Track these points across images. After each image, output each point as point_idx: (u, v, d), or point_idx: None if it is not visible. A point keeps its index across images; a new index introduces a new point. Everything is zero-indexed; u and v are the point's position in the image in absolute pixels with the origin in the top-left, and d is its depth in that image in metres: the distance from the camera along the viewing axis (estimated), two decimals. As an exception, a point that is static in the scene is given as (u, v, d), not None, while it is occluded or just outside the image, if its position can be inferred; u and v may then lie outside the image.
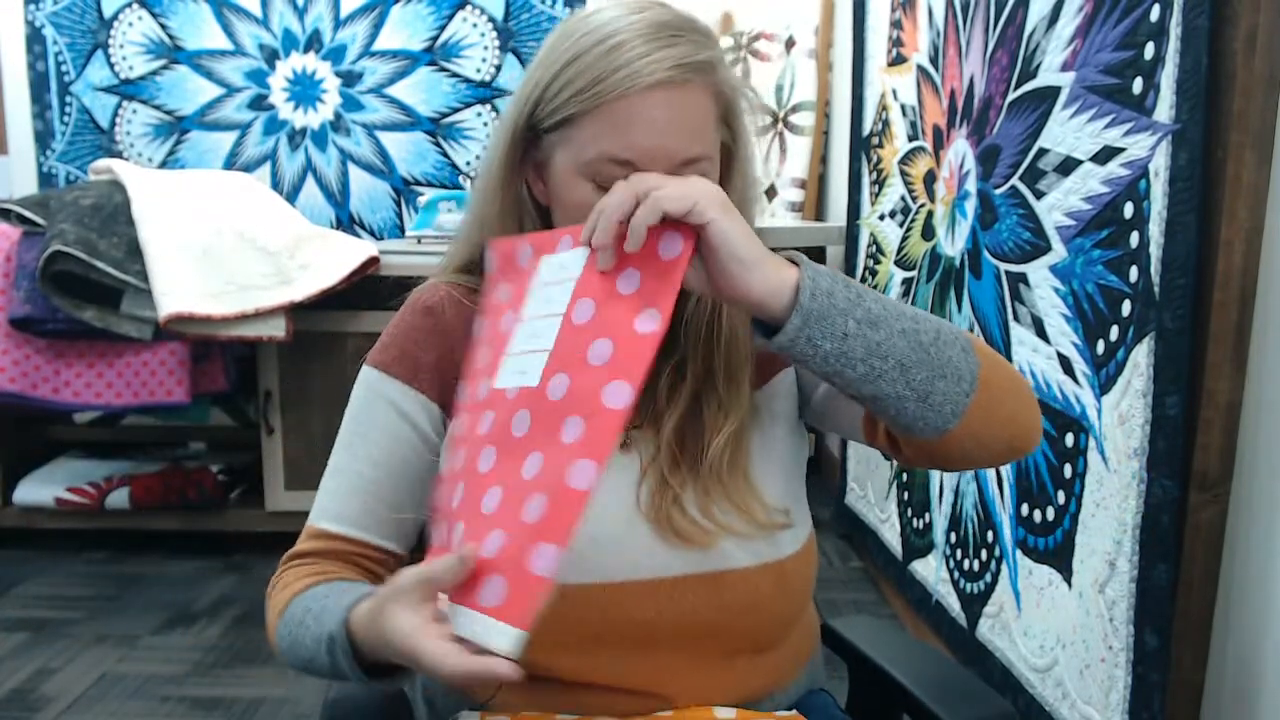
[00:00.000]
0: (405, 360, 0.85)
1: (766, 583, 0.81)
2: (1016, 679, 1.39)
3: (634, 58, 0.75)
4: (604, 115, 0.75)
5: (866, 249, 2.17)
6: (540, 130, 0.80)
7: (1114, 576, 1.14)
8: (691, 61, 0.76)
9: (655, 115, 0.75)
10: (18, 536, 2.65)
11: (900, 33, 1.93)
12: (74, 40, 2.81)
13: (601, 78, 0.75)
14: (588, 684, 0.80)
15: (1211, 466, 1.01)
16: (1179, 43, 1.02)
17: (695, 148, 0.77)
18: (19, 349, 2.31)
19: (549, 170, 0.81)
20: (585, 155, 0.77)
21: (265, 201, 2.53)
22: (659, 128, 0.76)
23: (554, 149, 0.79)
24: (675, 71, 0.75)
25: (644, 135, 0.75)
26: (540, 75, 0.79)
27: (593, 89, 0.75)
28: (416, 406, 0.85)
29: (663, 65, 0.75)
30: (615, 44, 0.75)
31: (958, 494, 1.61)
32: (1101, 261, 1.18)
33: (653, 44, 0.76)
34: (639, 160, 0.76)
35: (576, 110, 0.76)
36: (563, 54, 0.78)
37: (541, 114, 0.79)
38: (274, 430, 2.52)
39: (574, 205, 0.78)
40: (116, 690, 1.92)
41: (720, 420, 0.83)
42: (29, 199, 2.34)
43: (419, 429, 0.84)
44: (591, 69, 0.75)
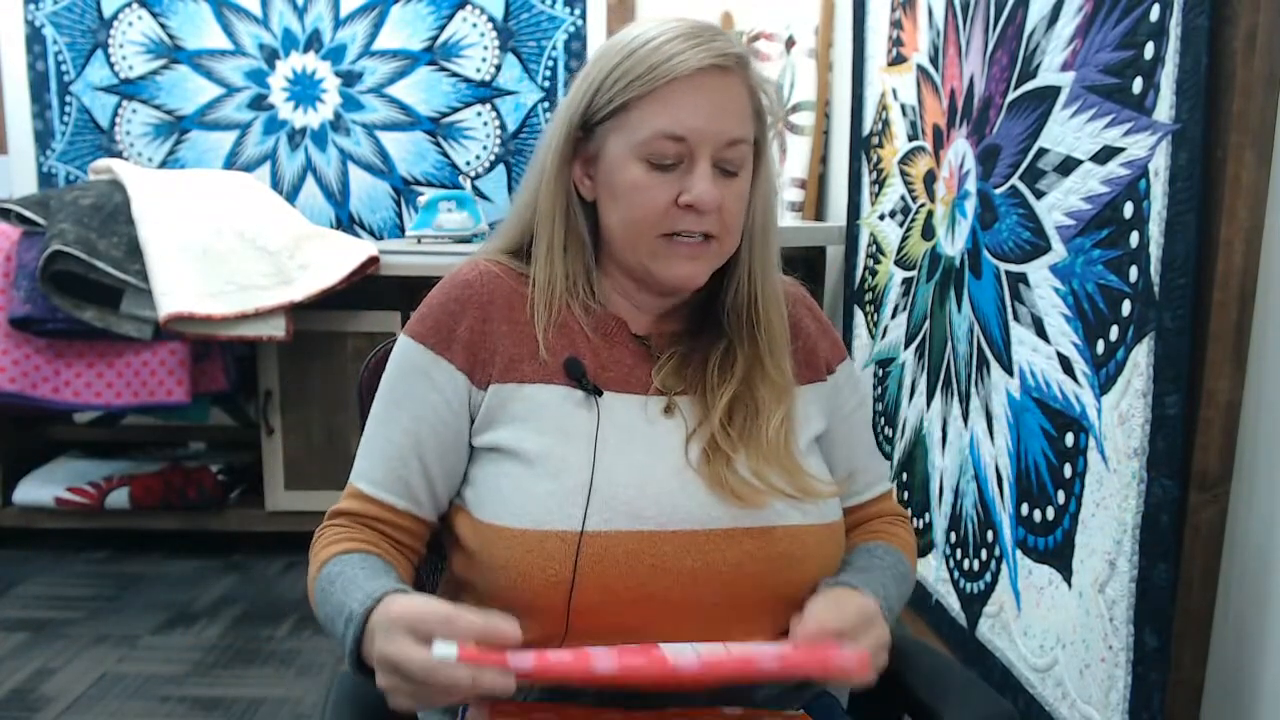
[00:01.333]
0: (439, 331, 0.90)
1: (815, 540, 0.88)
2: (1016, 679, 1.39)
3: (683, 49, 0.85)
4: (658, 97, 0.85)
5: (866, 249, 2.17)
6: (594, 123, 0.88)
7: (1114, 576, 1.14)
8: (731, 52, 0.86)
9: (703, 96, 0.85)
10: (18, 536, 2.65)
11: (900, 32, 1.93)
12: (74, 40, 2.81)
13: (655, 66, 0.84)
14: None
15: (1211, 466, 1.01)
16: (1179, 42, 1.02)
17: (739, 129, 0.87)
18: (19, 349, 2.31)
19: (600, 160, 0.89)
20: (640, 135, 0.85)
21: (265, 201, 2.53)
22: (707, 107, 0.85)
23: (607, 137, 0.88)
24: (719, 58, 0.85)
25: (694, 114, 0.85)
26: (595, 74, 0.88)
27: (648, 75, 0.84)
28: (446, 376, 0.89)
29: (709, 54, 0.85)
30: (664, 40, 0.86)
31: (957, 494, 1.62)
32: (1101, 261, 1.18)
33: (695, 39, 0.86)
34: (690, 136, 0.85)
35: (632, 95, 0.85)
36: (615, 55, 0.87)
37: (598, 105, 0.87)
38: (274, 430, 2.52)
39: (627, 185, 0.87)
40: (116, 690, 1.92)
41: (774, 401, 0.91)
42: (29, 199, 2.34)
43: (447, 398, 0.89)
44: (645, 60, 0.85)
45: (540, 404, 0.87)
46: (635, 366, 0.92)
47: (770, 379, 0.92)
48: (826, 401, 0.98)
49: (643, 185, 0.86)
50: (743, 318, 0.93)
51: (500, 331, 0.90)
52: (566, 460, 0.84)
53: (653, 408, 0.90)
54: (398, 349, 0.92)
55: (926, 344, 1.77)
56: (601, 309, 0.93)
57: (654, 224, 0.87)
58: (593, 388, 0.88)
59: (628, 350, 0.93)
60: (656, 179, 0.86)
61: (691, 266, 0.89)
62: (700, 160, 0.86)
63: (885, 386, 1.99)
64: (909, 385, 1.86)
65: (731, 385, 0.91)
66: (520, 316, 0.91)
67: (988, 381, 1.49)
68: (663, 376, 0.91)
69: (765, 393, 0.91)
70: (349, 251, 2.37)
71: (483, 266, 0.93)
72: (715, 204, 0.86)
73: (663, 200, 0.86)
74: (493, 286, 0.92)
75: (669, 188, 0.86)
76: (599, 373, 0.90)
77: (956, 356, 1.62)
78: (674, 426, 0.89)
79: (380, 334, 2.38)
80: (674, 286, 0.91)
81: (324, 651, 2.08)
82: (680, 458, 0.88)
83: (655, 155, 0.86)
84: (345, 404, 2.46)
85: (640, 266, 0.90)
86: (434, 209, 2.58)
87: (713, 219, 0.87)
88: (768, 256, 0.94)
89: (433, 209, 2.59)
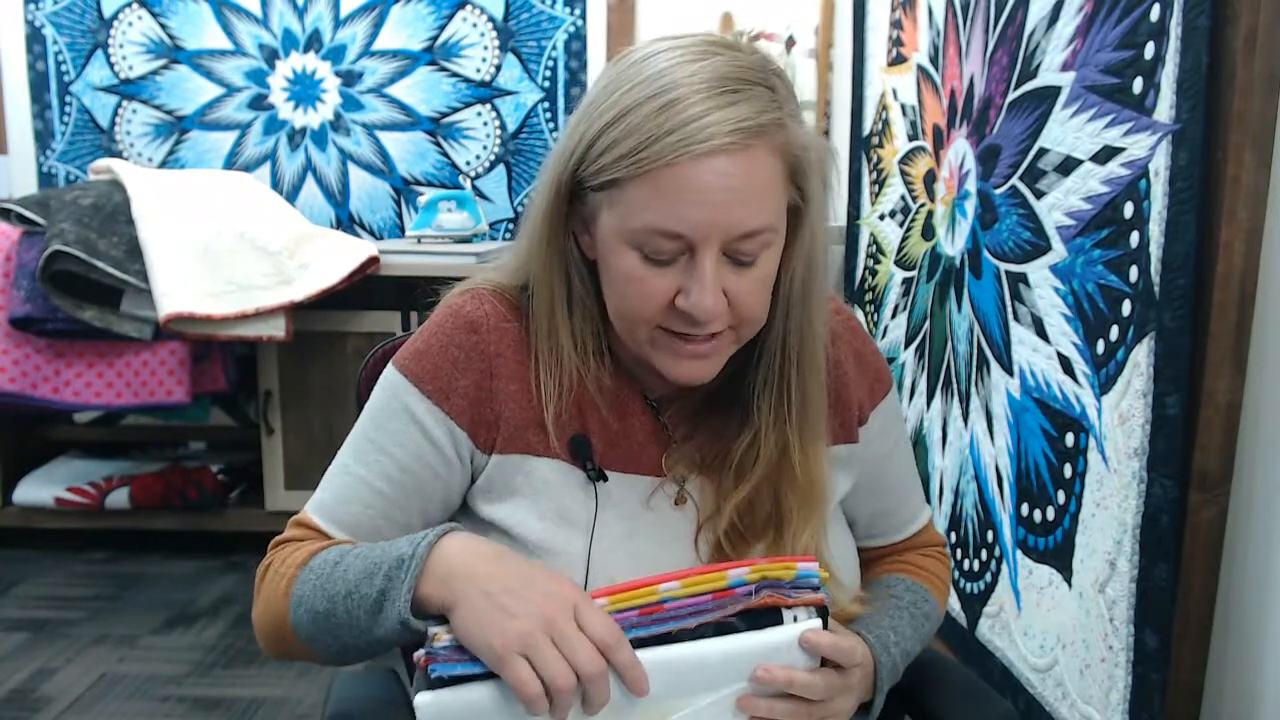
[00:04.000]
0: (439, 377, 0.79)
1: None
2: (1016, 679, 1.39)
3: (688, 119, 0.66)
4: (652, 183, 0.68)
5: (866, 249, 2.17)
6: (585, 188, 0.73)
7: (1114, 576, 1.14)
8: (754, 124, 0.68)
9: (711, 186, 0.67)
10: (18, 536, 2.65)
11: (900, 32, 1.93)
12: (74, 40, 2.81)
13: (650, 141, 0.67)
14: None
15: (1211, 466, 1.01)
16: (1179, 42, 1.02)
17: (757, 219, 0.70)
18: (19, 349, 2.31)
19: (595, 227, 0.74)
20: (631, 224, 0.70)
21: (265, 201, 2.53)
22: (715, 200, 0.68)
23: (600, 207, 0.73)
24: (736, 136, 0.67)
25: (696, 209, 0.68)
26: (585, 129, 0.71)
27: (640, 153, 0.67)
28: (443, 429, 0.79)
29: (722, 129, 0.66)
30: (668, 101, 0.67)
31: (958, 494, 1.62)
32: (1101, 261, 1.18)
33: (711, 103, 0.67)
34: (691, 235, 0.69)
35: (622, 175, 0.69)
36: (610, 106, 0.70)
37: (586, 172, 0.72)
38: (274, 430, 2.52)
39: (621, 274, 0.73)
40: (116, 690, 1.92)
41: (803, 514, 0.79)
42: (29, 199, 2.34)
43: (442, 451, 0.79)
44: (640, 129, 0.67)
45: (543, 481, 0.79)
46: (646, 444, 0.82)
47: (799, 485, 0.79)
48: (857, 461, 0.88)
49: (636, 278, 0.72)
50: (773, 401, 0.80)
51: (508, 391, 0.79)
52: (565, 551, 0.76)
53: (662, 496, 0.81)
54: (389, 383, 0.81)
55: (926, 344, 1.77)
56: (613, 377, 0.82)
57: (649, 320, 0.74)
58: (596, 473, 0.79)
59: (639, 424, 0.82)
60: (652, 272, 0.72)
61: (697, 365, 0.76)
62: (704, 259, 0.70)
63: (885, 386, 1.99)
64: (909, 385, 1.86)
65: (750, 483, 0.79)
66: (526, 375, 0.80)
67: (988, 381, 1.49)
68: (675, 463, 0.82)
69: (793, 501, 0.79)
70: (349, 251, 2.37)
71: (489, 305, 0.81)
72: (716, 314, 0.72)
73: (659, 298, 0.72)
74: (500, 336, 0.80)
75: (667, 282, 0.72)
76: (606, 451, 0.80)
77: (956, 356, 1.62)
78: (684, 516, 0.81)
79: (380, 334, 2.38)
80: (678, 384, 0.78)
81: (324, 651, 2.08)
82: (690, 553, 0.79)
83: (649, 249, 0.71)
84: (345, 404, 2.46)
85: (643, 356, 0.77)
86: (434, 209, 2.58)
87: (722, 318, 0.73)
88: (808, 325, 0.79)
89: (433, 209, 2.58)
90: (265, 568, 0.81)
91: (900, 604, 0.88)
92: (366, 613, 0.71)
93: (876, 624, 0.84)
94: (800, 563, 0.71)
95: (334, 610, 0.73)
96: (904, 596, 0.89)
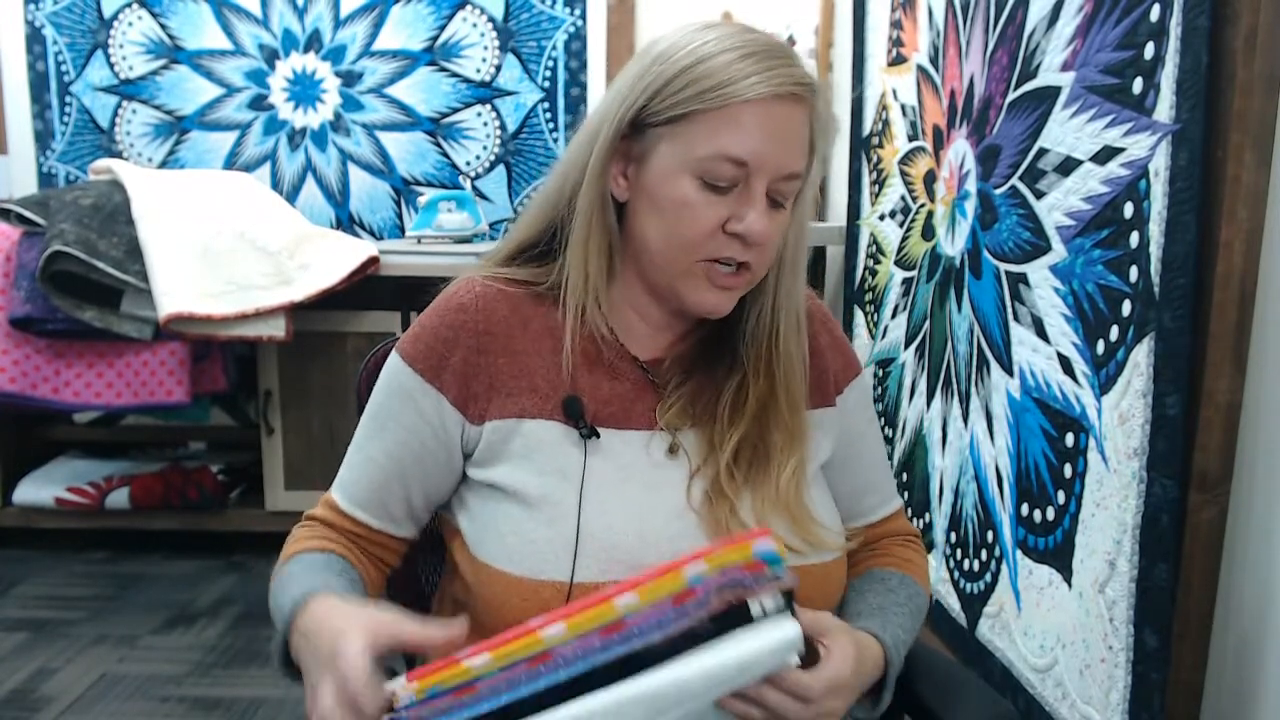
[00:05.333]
0: (431, 357, 0.86)
1: (814, 580, 0.85)
2: (1016, 679, 1.39)
3: (765, 68, 0.79)
4: (727, 115, 0.79)
5: (866, 249, 2.17)
6: (647, 124, 0.82)
7: (1114, 576, 1.14)
8: (811, 83, 0.81)
9: (773, 124, 0.80)
10: (18, 536, 2.65)
11: (900, 32, 1.93)
12: (74, 40, 2.81)
13: (733, 80, 0.78)
14: None
15: (1211, 466, 1.01)
16: (1179, 43, 1.02)
17: (799, 163, 0.82)
18: (19, 349, 2.31)
19: (646, 165, 0.83)
20: (699, 151, 0.80)
21: (265, 201, 2.53)
22: (777, 137, 0.80)
23: (659, 142, 0.82)
24: (799, 88, 0.80)
25: (762, 141, 0.79)
26: (660, 72, 0.81)
27: (723, 89, 0.78)
28: (434, 405, 0.86)
29: (787, 81, 0.79)
30: (741, 55, 0.79)
31: (957, 494, 1.62)
32: (1101, 261, 1.18)
33: (774, 60, 0.80)
34: (753, 162, 0.80)
35: (699, 107, 0.79)
36: (684, 57, 0.80)
37: (656, 107, 0.81)
38: (274, 430, 2.52)
39: (675, 200, 0.82)
40: (116, 690, 1.92)
41: (787, 447, 0.87)
42: (29, 199, 2.34)
43: (434, 426, 0.86)
44: (723, 70, 0.79)
45: (540, 441, 0.84)
46: (638, 400, 0.88)
47: (784, 422, 0.87)
48: (834, 426, 0.94)
49: (692, 203, 0.81)
50: (762, 349, 0.89)
51: (497, 365, 0.86)
52: (563, 505, 0.81)
53: (656, 447, 0.86)
54: (389, 366, 0.89)
55: (926, 344, 1.77)
56: (609, 334, 0.88)
57: (696, 246, 0.82)
58: (587, 431, 0.84)
59: (631, 381, 0.88)
60: (707, 199, 0.81)
61: (722, 296, 0.85)
62: (756, 188, 0.81)
63: (885, 387, 1.99)
64: (909, 385, 1.86)
65: (741, 426, 0.86)
66: (519, 346, 0.87)
67: (988, 382, 1.49)
68: (669, 415, 0.87)
69: (778, 437, 0.86)
70: (349, 252, 2.37)
71: (480, 288, 0.88)
72: (766, 238, 0.82)
73: (710, 222, 0.81)
74: (490, 313, 0.87)
75: (718, 210, 0.81)
76: (599, 409, 0.86)
77: (956, 357, 1.62)
78: (677, 465, 0.86)
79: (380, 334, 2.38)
80: (699, 313, 0.87)
81: (324, 651, 2.08)
82: (681, 499, 0.84)
83: (711, 175, 0.80)
84: (345, 404, 2.46)
85: (668, 285, 0.86)
86: (434, 209, 2.59)
87: (755, 250, 0.83)
88: (795, 287, 0.90)
89: (433, 209, 2.59)
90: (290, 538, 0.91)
91: (898, 599, 0.92)
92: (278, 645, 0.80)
93: (888, 622, 0.87)
94: (754, 541, 0.69)
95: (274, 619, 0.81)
96: (900, 591, 0.93)
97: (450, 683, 0.67)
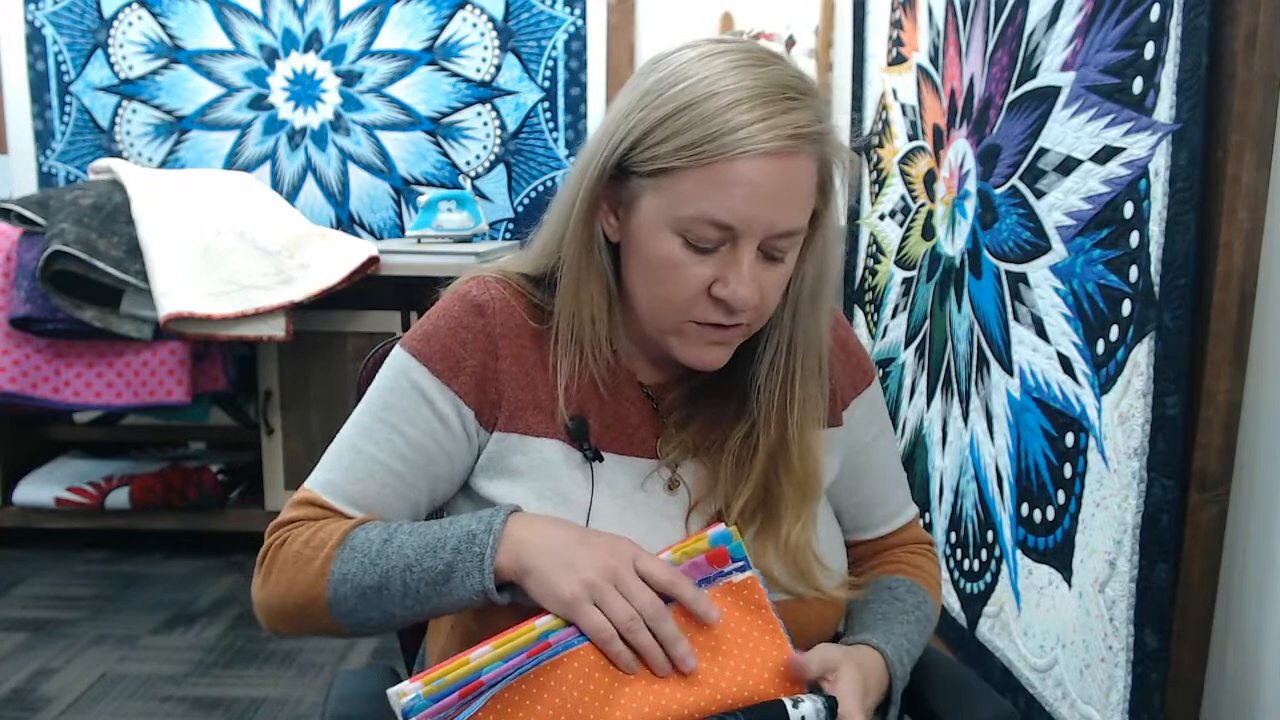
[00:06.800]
0: (447, 357, 0.82)
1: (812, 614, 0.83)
2: (1016, 679, 1.39)
3: (753, 120, 0.71)
4: (711, 175, 0.72)
5: (866, 249, 2.17)
6: (632, 172, 0.76)
7: (1114, 576, 1.14)
8: (809, 131, 0.73)
9: (765, 184, 0.73)
10: (18, 536, 2.65)
11: (900, 32, 1.93)
12: (74, 40, 2.81)
13: (715, 136, 0.71)
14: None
15: (1211, 466, 1.01)
16: (1179, 42, 1.02)
17: (796, 220, 0.76)
18: (19, 349, 2.31)
19: (633, 212, 0.78)
20: (682, 211, 0.74)
21: (265, 201, 2.53)
22: (766, 197, 0.73)
23: (643, 192, 0.76)
24: (793, 141, 0.72)
25: (748, 204, 0.73)
26: (644, 115, 0.75)
27: (703, 146, 0.72)
28: (452, 406, 0.82)
29: (783, 133, 0.72)
30: (734, 101, 0.72)
31: (957, 494, 1.62)
32: (1101, 261, 1.18)
33: (773, 107, 0.72)
34: (739, 226, 0.73)
35: (681, 164, 0.73)
36: (673, 98, 0.74)
37: (639, 157, 0.75)
38: (274, 430, 2.52)
39: (660, 258, 0.76)
40: (116, 690, 1.92)
41: (797, 502, 0.82)
42: (29, 199, 2.34)
43: (451, 429, 0.82)
44: (706, 124, 0.72)
45: (543, 460, 0.82)
46: (640, 426, 0.85)
47: (796, 474, 0.83)
48: (841, 446, 0.91)
49: (676, 263, 0.76)
50: (775, 395, 0.83)
51: (510, 373, 0.83)
52: None
53: (656, 479, 0.84)
54: (395, 364, 0.84)
55: (926, 344, 1.77)
56: (613, 358, 0.85)
57: (680, 308, 0.78)
58: (593, 453, 0.82)
59: (634, 406, 0.85)
60: (692, 258, 0.76)
61: (716, 352, 0.80)
62: (744, 250, 0.75)
63: (885, 387, 1.99)
64: (909, 385, 1.86)
65: (748, 486, 0.82)
66: (528, 358, 0.83)
67: (988, 381, 1.49)
68: (671, 451, 0.84)
69: (789, 490, 0.82)
70: (349, 251, 2.37)
71: (495, 290, 0.85)
72: (752, 304, 0.76)
73: (695, 284, 0.76)
74: (505, 319, 0.84)
75: (703, 270, 0.76)
76: (603, 432, 0.84)
77: (956, 356, 1.62)
78: (677, 499, 0.83)
79: (380, 334, 2.38)
80: (693, 367, 0.82)
81: (324, 651, 2.08)
82: (680, 533, 0.82)
83: (694, 236, 0.75)
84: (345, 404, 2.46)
85: (659, 339, 0.82)
86: (434, 209, 2.58)
87: (752, 310, 0.77)
88: (814, 325, 0.83)
89: (433, 209, 2.59)
90: (276, 547, 0.82)
91: (904, 607, 0.88)
92: (429, 585, 0.74)
93: (891, 633, 0.84)
94: (710, 530, 0.75)
95: (387, 584, 0.75)
96: (906, 599, 0.90)
97: (456, 678, 0.68)
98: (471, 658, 0.69)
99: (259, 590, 0.82)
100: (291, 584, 0.79)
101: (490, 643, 0.70)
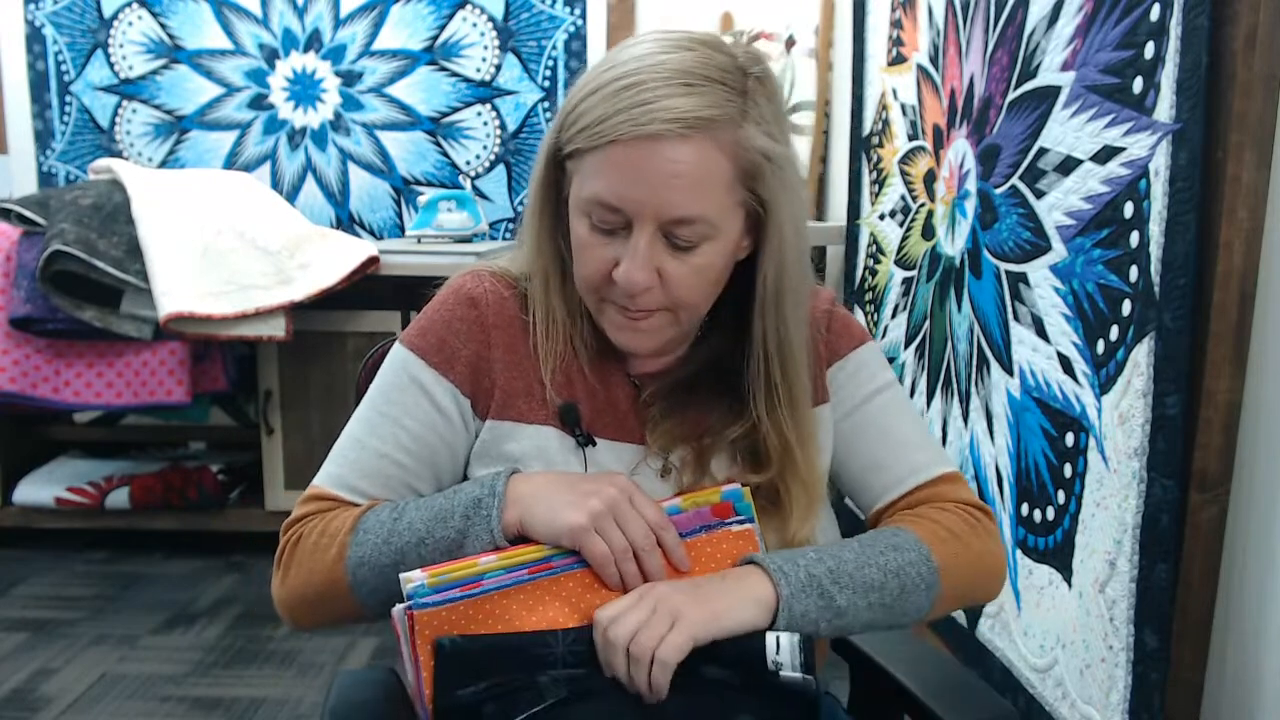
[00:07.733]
0: (443, 349, 0.85)
1: None
2: (1016, 679, 1.39)
3: (640, 102, 0.71)
4: (602, 156, 0.74)
5: (866, 249, 2.17)
6: (563, 157, 0.79)
7: (1114, 576, 1.14)
8: (696, 117, 0.72)
9: (648, 167, 0.72)
10: (18, 536, 2.65)
11: (900, 32, 1.93)
12: (74, 40, 2.81)
13: (605, 117, 0.73)
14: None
15: (1211, 466, 1.01)
16: (1179, 42, 1.02)
17: (692, 207, 0.74)
18: (19, 349, 2.31)
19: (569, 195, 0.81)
20: (583, 192, 0.76)
21: (265, 201, 2.53)
22: (651, 181, 0.73)
23: (571, 176, 0.79)
24: (675, 125, 0.71)
25: (633, 187, 0.73)
26: (568, 101, 0.77)
27: (596, 127, 0.73)
28: (449, 396, 0.85)
29: (664, 116, 0.71)
30: (630, 84, 0.72)
31: (958, 494, 1.61)
32: (1101, 261, 1.18)
33: (665, 90, 0.72)
34: (624, 208, 0.74)
35: (583, 146, 0.75)
36: (586, 83, 0.76)
37: (562, 141, 0.78)
38: (274, 430, 2.52)
39: (574, 239, 0.79)
40: (116, 690, 1.92)
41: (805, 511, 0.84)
42: (29, 199, 2.34)
43: (449, 418, 0.85)
44: (601, 106, 0.73)
45: (536, 446, 0.83)
46: (628, 412, 0.87)
47: (800, 477, 0.83)
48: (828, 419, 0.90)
49: (585, 244, 0.78)
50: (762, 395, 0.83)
51: (503, 362, 0.85)
52: None
53: (647, 466, 0.85)
54: (394, 359, 0.87)
55: (926, 344, 1.77)
56: (600, 345, 0.86)
57: (592, 287, 0.80)
58: (585, 438, 0.84)
59: (622, 393, 0.87)
60: (598, 240, 0.77)
61: (638, 336, 0.81)
62: (640, 234, 0.75)
63: (885, 386, 1.99)
64: (909, 385, 1.86)
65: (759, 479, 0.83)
66: (520, 348, 0.86)
67: (988, 381, 1.49)
68: (656, 436, 0.85)
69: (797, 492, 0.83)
70: (349, 251, 2.37)
71: (488, 283, 0.87)
72: (642, 288, 0.76)
73: (598, 265, 0.78)
74: (498, 310, 0.86)
75: (607, 252, 0.77)
76: (594, 417, 0.85)
77: (956, 356, 1.62)
78: (667, 485, 0.85)
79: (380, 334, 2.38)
80: (626, 351, 0.84)
81: (324, 651, 2.08)
82: None
83: (596, 219, 0.76)
84: (345, 404, 2.46)
85: (596, 320, 0.84)
86: (434, 209, 2.58)
87: (654, 295, 0.78)
88: (784, 326, 0.82)
89: (433, 209, 2.59)
90: (291, 543, 0.84)
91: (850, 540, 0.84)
92: (443, 554, 0.77)
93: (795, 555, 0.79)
94: (725, 487, 0.80)
95: (403, 560, 0.78)
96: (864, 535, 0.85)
97: (459, 576, 0.74)
98: (480, 562, 0.74)
99: (279, 588, 0.84)
100: (311, 575, 0.81)
101: (498, 554, 0.75)
